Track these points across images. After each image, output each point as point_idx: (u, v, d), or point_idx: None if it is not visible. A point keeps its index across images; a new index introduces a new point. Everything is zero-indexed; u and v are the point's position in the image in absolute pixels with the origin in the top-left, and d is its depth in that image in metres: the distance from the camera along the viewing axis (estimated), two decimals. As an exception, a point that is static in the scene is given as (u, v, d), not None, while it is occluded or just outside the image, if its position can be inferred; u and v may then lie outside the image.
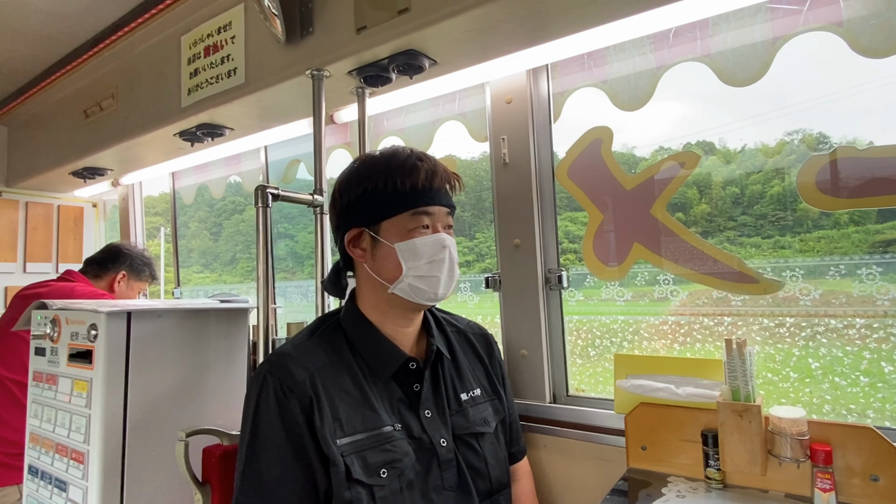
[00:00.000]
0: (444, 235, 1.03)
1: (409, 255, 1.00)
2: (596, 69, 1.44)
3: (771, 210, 1.34)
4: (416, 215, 1.01)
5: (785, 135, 1.32)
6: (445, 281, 1.03)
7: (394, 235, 1.01)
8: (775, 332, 1.27)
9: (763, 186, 1.37)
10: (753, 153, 1.38)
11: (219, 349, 1.42)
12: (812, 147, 1.28)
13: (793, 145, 1.31)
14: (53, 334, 1.31)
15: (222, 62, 1.69)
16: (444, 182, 1.04)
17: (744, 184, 1.39)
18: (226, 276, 4.78)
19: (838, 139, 1.23)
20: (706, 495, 1.11)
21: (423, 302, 1.03)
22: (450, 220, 1.07)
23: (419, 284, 1.01)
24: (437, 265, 1.01)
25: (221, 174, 2.62)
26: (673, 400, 1.21)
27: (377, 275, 1.03)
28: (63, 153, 2.48)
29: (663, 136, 1.45)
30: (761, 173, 1.37)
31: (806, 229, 1.29)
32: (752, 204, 1.37)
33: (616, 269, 1.42)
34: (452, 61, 1.41)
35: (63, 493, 1.21)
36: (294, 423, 0.92)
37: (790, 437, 1.04)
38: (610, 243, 1.42)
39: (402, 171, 1.01)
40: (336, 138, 2.03)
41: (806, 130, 1.29)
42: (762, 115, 1.34)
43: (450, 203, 1.06)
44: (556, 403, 1.46)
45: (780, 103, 1.32)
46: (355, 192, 1.03)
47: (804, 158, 1.26)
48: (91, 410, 1.18)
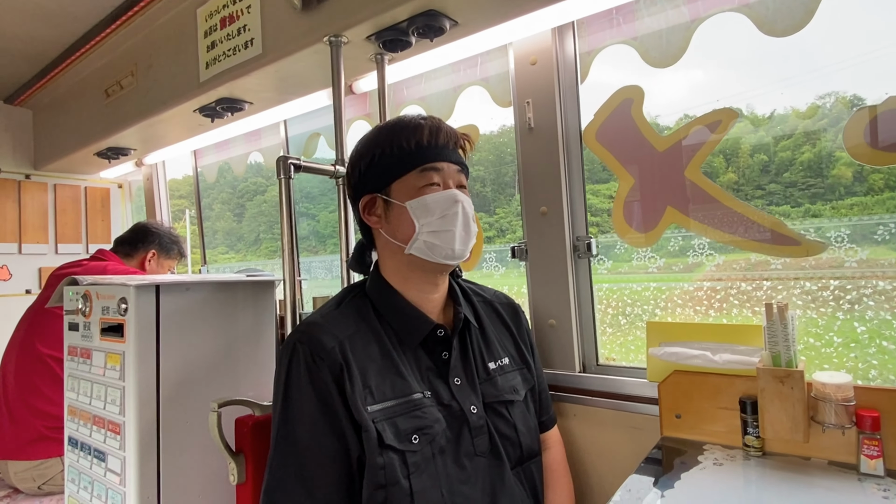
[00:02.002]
0: (456, 191, 1.02)
1: (421, 211, 0.99)
2: (626, 25, 1.37)
3: (801, 177, 1.29)
4: (424, 172, 1.00)
5: (816, 98, 1.25)
6: (461, 235, 1.01)
7: (404, 195, 1.01)
8: (818, 296, 1.22)
9: (793, 153, 1.31)
10: (783, 118, 1.32)
11: (247, 322, 1.43)
12: (846, 110, 1.21)
13: (825, 109, 1.24)
14: (85, 309, 1.33)
15: (239, 33, 1.66)
16: (449, 138, 1.03)
17: (773, 150, 1.33)
18: (250, 256, 4.84)
19: (874, 100, 1.15)
20: (744, 463, 1.08)
21: (441, 260, 1.01)
22: (462, 178, 1.06)
23: (434, 240, 1.00)
24: (450, 219, 1.00)
25: (242, 151, 2.62)
26: (709, 367, 1.17)
27: (392, 237, 1.03)
28: (87, 134, 2.50)
29: (686, 104, 1.38)
30: (791, 139, 1.31)
31: (838, 196, 1.23)
32: (782, 171, 1.32)
33: (648, 234, 1.37)
34: (474, 21, 1.36)
35: (102, 462, 1.25)
36: (325, 391, 0.92)
37: (835, 403, 1.00)
38: (641, 208, 1.37)
39: (406, 132, 1.01)
40: (355, 110, 2.00)
41: (839, 93, 1.23)
42: (792, 77, 1.27)
43: (459, 160, 1.05)
44: (586, 373, 1.44)
45: (811, 65, 1.24)
46: (364, 160, 1.04)
47: (836, 123, 1.20)
48: (125, 382, 1.20)
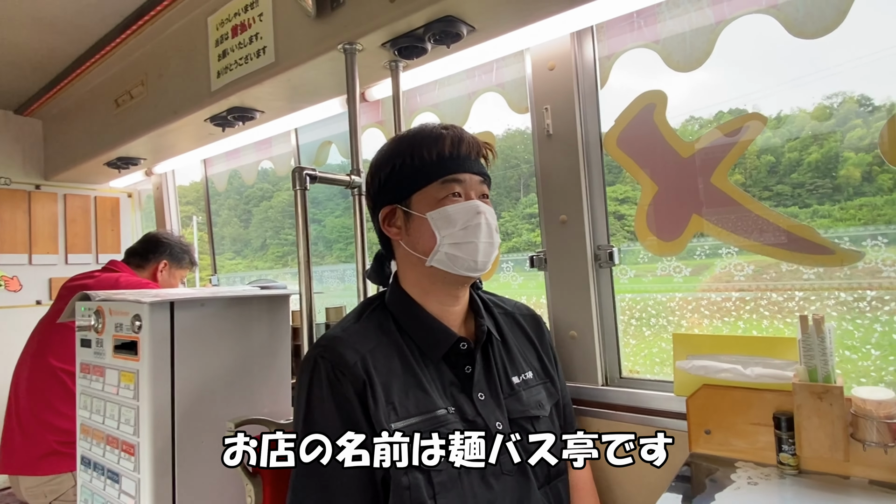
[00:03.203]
0: (478, 202, 0.99)
1: (443, 222, 0.97)
2: (647, 28, 1.34)
3: (809, 178, 1.29)
4: (445, 183, 0.98)
5: (824, 98, 1.24)
6: (484, 248, 0.98)
7: (425, 206, 0.98)
8: (853, 307, 1.17)
9: (800, 154, 1.30)
10: (791, 119, 1.30)
11: (262, 336, 1.40)
12: (854, 110, 1.21)
13: (833, 109, 1.23)
14: (98, 326, 1.30)
15: (251, 41, 1.64)
16: (471, 149, 1.01)
17: (780, 152, 1.32)
18: (257, 261, 4.84)
19: (882, 100, 1.15)
20: (780, 482, 1.04)
21: (464, 272, 0.98)
22: (485, 188, 1.03)
23: (456, 252, 0.97)
24: (473, 230, 0.97)
25: (253, 160, 2.60)
26: (740, 381, 1.13)
27: (413, 249, 1.00)
28: (96, 144, 2.49)
29: (692, 105, 1.38)
30: (798, 140, 1.30)
31: (846, 196, 1.22)
32: (789, 172, 1.31)
33: (673, 243, 1.33)
34: (492, 26, 1.33)
35: (116, 484, 1.22)
36: (348, 407, 0.89)
37: (877, 420, 0.96)
38: (665, 216, 1.33)
39: (427, 142, 0.98)
40: (367, 117, 1.97)
41: (847, 93, 1.22)
42: (799, 78, 1.26)
43: (481, 171, 1.02)
44: (610, 386, 1.40)
45: (818, 65, 1.23)
46: (385, 170, 1.02)
47: (845, 122, 1.19)
48: (139, 402, 1.17)
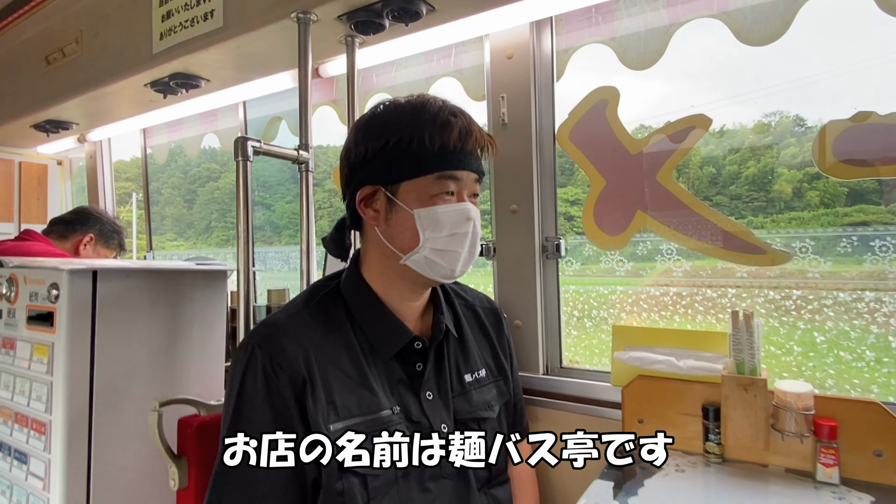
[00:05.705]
0: (470, 206, 0.92)
1: (430, 224, 0.89)
2: (604, 24, 1.35)
3: (746, 191, 1.34)
4: (441, 179, 0.89)
5: (763, 116, 1.31)
6: (465, 258, 0.93)
7: (414, 200, 0.89)
8: (780, 305, 1.24)
9: (739, 167, 1.36)
10: (732, 133, 1.37)
11: (195, 314, 1.33)
12: (789, 129, 1.29)
13: (771, 127, 1.31)
14: (10, 294, 1.20)
15: (198, 3, 1.54)
16: (477, 144, 0.92)
17: (721, 164, 1.38)
18: (200, 244, 4.63)
19: (813, 122, 1.23)
20: (705, 469, 1.08)
21: (438, 278, 0.93)
22: (477, 188, 0.95)
23: (436, 259, 0.90)
24: (459, 239, 0.91)
25: (196, 132, 2.47)
26: (673, 373, 1.17)
27: (389, 242, 0.92)
28: (22, 103, 2.30)
29: (642, 114, 1.41)
30: (738, 154, 1.36)
31: (778, 210, 1.29)
32: (729, 184, 1.37)
33: (617, 237, 1.36)
34: (451, 8, 1.31)
35: (24, 465, 1.13)
36: (282, 405, 0.83)
37: (795, 412, 1.02)
38: (611, 211, 1.36)
39: (432, 127, 0.88)
40: (321, 95, 1.91)
41: (784, 112, 1.30)
42: (742, 94, 1.32)
43: (479, 169, 0.94)
44: (550, 375, 1.42)
45: (761, 83, 1.29)
46: (374, 143, 0.90)
47: (781, 140, 1.27)
48: (53, 377, 1.08)
